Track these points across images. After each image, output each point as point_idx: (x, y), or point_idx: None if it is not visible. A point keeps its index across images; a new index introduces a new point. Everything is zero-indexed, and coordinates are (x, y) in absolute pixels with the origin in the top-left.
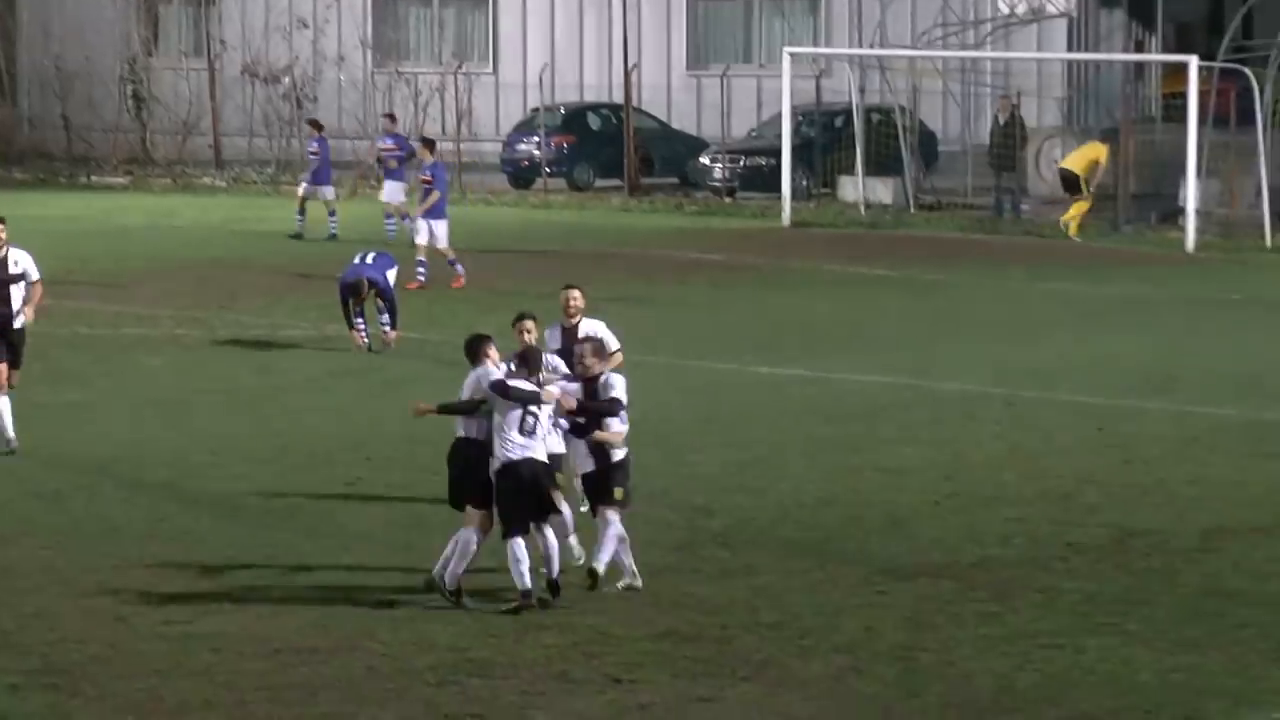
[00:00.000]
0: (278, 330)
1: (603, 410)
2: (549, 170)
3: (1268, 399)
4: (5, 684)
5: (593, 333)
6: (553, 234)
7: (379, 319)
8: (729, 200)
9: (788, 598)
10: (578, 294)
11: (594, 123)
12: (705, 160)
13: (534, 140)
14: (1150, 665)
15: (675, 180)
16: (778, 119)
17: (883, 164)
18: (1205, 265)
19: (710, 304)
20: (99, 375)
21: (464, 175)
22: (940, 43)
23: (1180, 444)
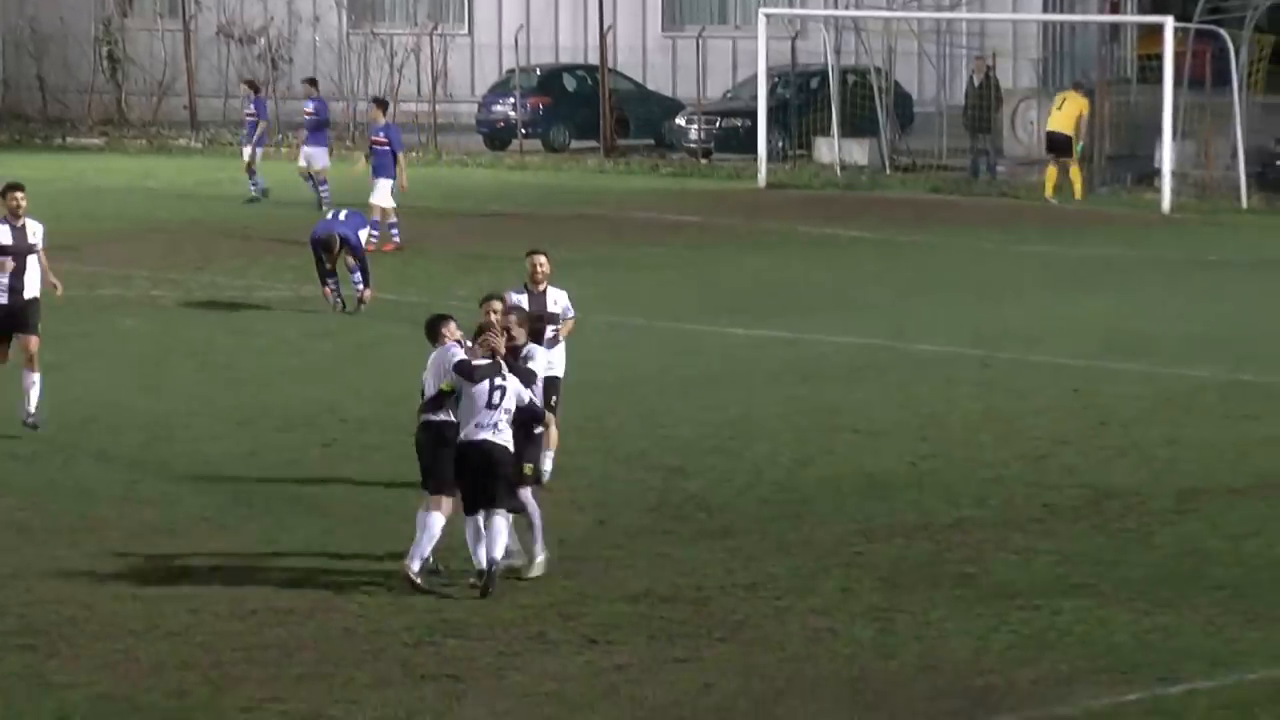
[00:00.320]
0: (253, 292)
1: (519, 377)
2: (524, 132)
3: (1243, 360)
4: None
5: (557, 300)
6: (528, 195)
7: (351, 278)
8: (705, 162)
9: (764, 559)
10: (544, 259)
11: (570, 84)
12: (681, 122)
13: (509, 102)
14: (1126, 626)
15: (651, 142)
16: (753, 80)
17: (858, 125)
18: (1181, 227)
19: (686, 265)
20: (74, 336)
21: (439, 136)
22: (915, 4)
23: (1156, 405)
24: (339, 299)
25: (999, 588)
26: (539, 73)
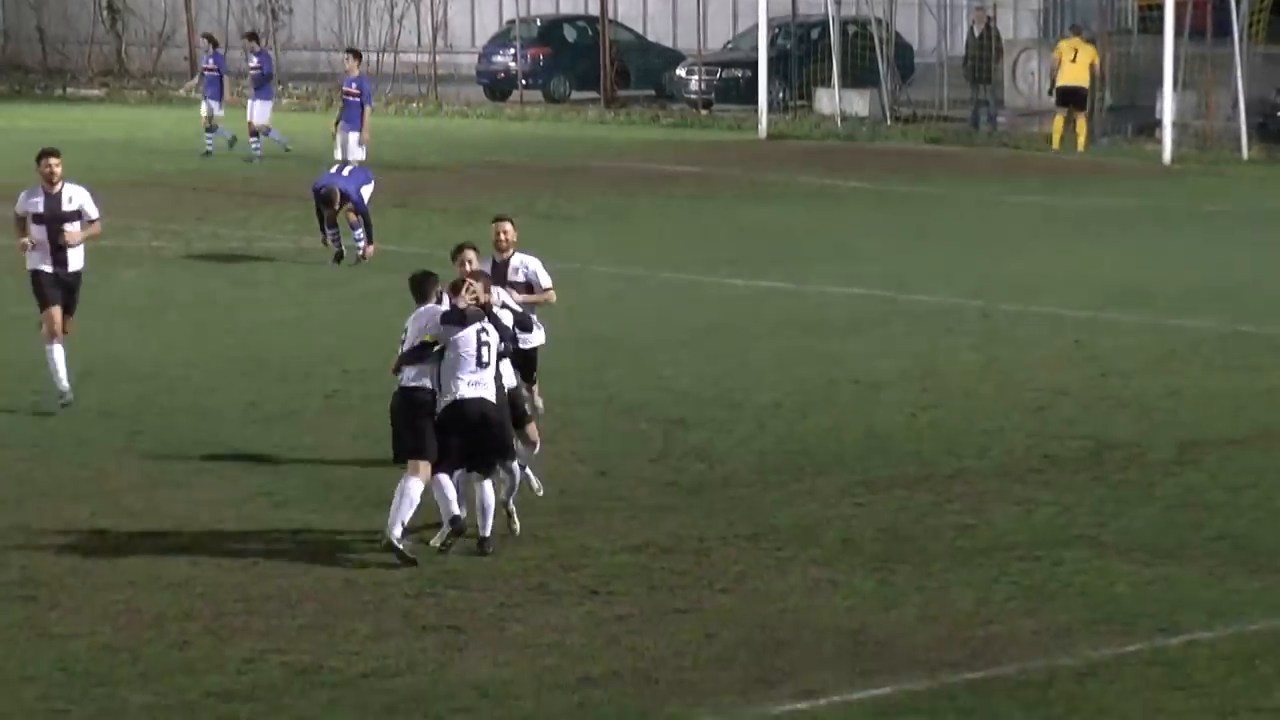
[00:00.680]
0: (254, 243)
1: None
2: (525, 83)
3: (1244, 311)
4: None
5: (525, 267)
6: (529, 146)
7: (353, 233)
8: (705, 113)
9: (765, 510)
10: (509, 226)
11: (570, 35)
12: (682, 73)
13: (510, 52)
14: (1127, 577)
15: (651, 93)
16: (754, 31)
17: (859, 76)
18: (1182, 177)
19: (686, 216)
20: None
21: (440, 87)
22: None
23: (1157, 357)
24: (339, 248)
25: (999, 539)
26: (539, 23)
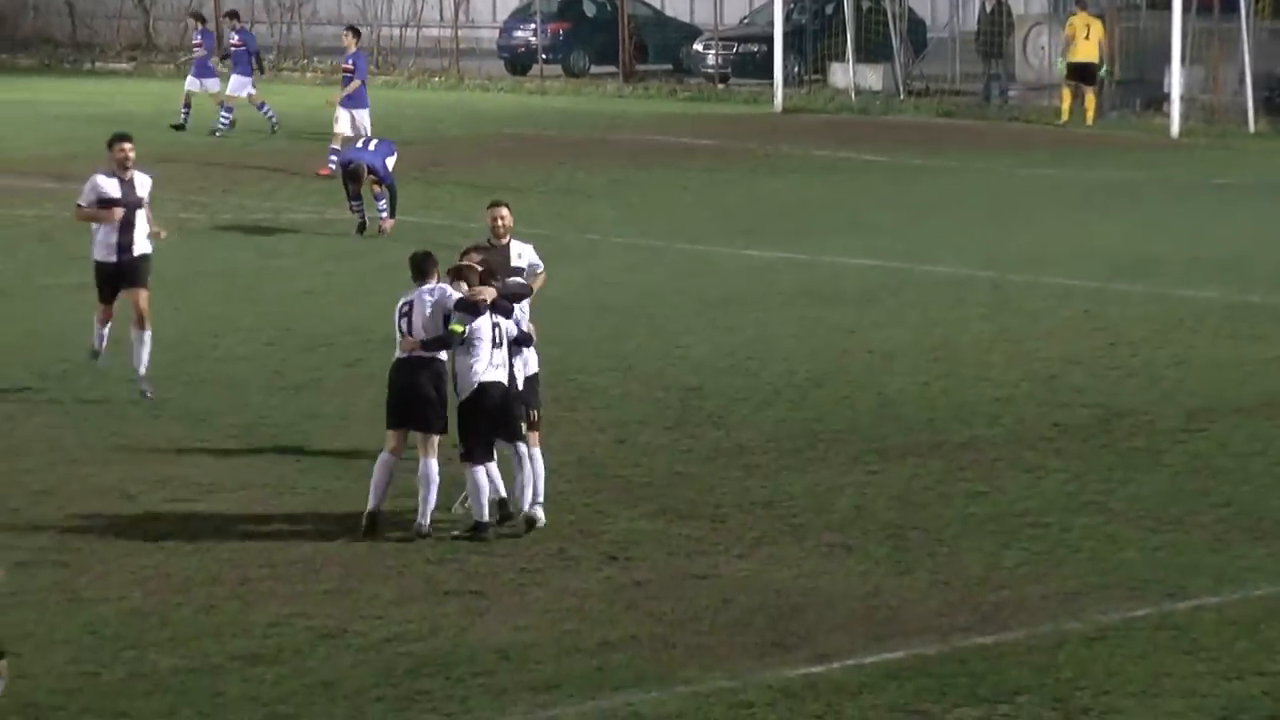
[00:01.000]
0: (279, 215)
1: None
2: (545, 57)
3: (1250, 282)
4: (15, 560)
5: (520, 254)
6: (549, 119)
7: (376, 204)
8: (722, 87)
9: (780, 477)
10: (506, 212)
11: (589, 10)
12: (699, 47)
13: (530, 27)
14: (1135, 543)
15: (669, 67)
16: (770, 6)
17: (873, 51)
18: (1189, 151)
19: (703, 188)
20: None
21: (462, 62)
22: None
23: (1165, 326)
24: (362, 218)
25: (1010, 506)
26: None
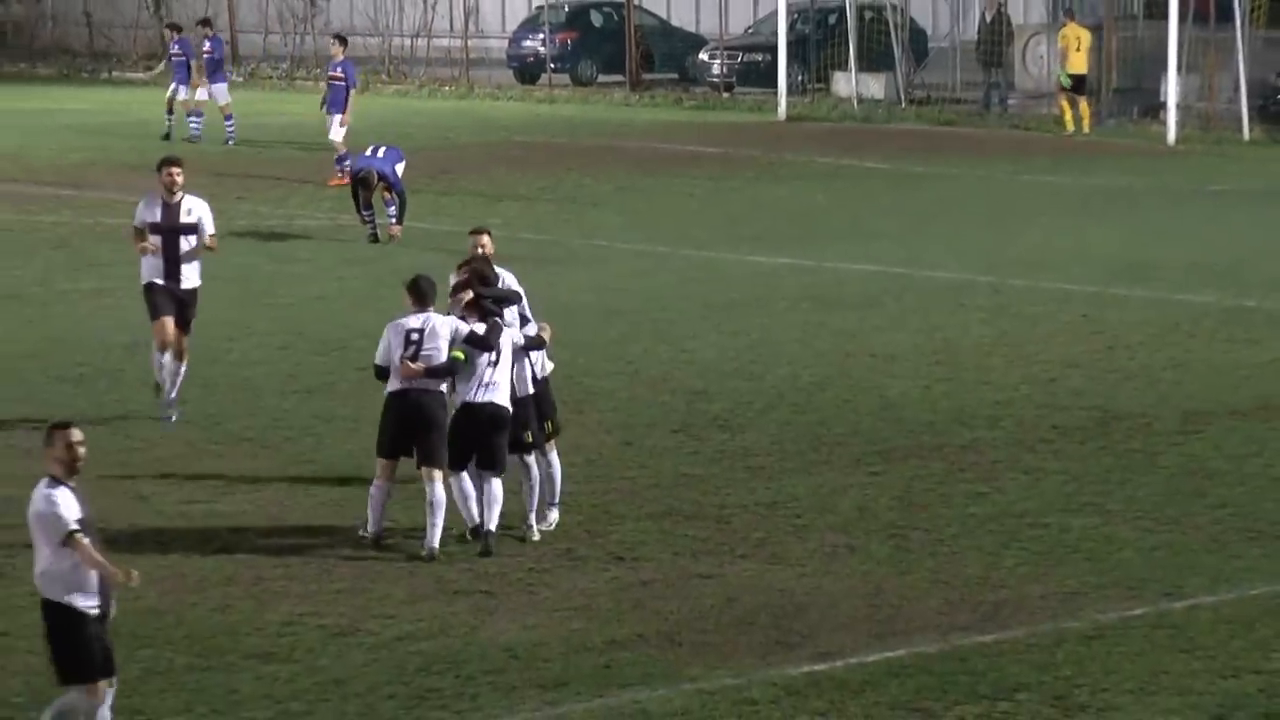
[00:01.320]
0: (292, 221)
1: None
2: (553, 66)
3: (1246, 286)
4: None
5: (502, 279)
6: (557, 127)
7: (386, 211)
8: (727, 95)
9: (784, 479)
10: (487, 239)
11: (597, 20)
12: (704, 56)
13: (539, 37)
14: (1133, 543)
15: (675, 76)
16: (774, 16)
17: (875, 60)
18: (1185, 157)
19: (708, 195)
20: (120, 263)
21: (472, 71)
22: None
23: (1162, 330)
24: (373, 228)
25: (1010, 507)
26: (567, 9)
